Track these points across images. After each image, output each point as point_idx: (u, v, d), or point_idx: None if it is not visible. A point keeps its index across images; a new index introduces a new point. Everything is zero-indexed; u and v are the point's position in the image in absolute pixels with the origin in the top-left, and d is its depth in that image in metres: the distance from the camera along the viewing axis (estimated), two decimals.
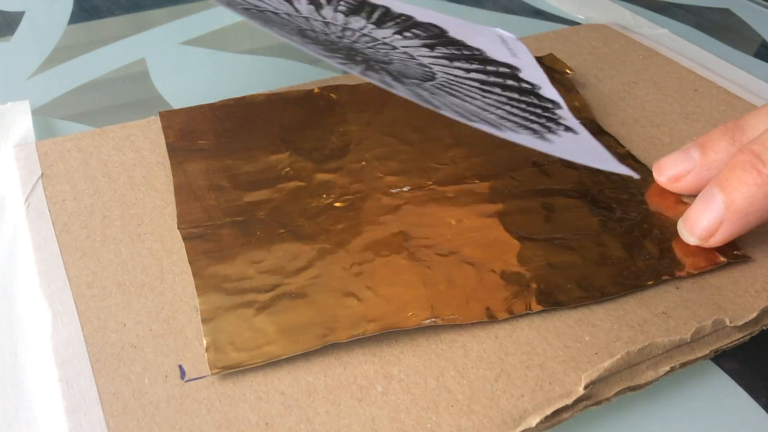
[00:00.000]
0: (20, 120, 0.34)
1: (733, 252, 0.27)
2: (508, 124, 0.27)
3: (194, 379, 0.23)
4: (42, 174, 0.31)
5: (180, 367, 0.23)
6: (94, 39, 0.44)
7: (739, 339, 0.25)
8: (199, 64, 0.42)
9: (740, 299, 0.26)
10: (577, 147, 0.27)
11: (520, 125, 0.28)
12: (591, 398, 0.23)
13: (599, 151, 0.28)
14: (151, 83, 0.40)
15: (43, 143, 0.32)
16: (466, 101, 0.28)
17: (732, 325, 0.25)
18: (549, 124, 0.29)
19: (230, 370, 0.23)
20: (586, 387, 0.23)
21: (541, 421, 0.22)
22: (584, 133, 0.29)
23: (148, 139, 0.33)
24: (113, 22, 0.47)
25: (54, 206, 0.29)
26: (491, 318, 0.25)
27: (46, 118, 0.37)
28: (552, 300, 0.25)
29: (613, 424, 0.23)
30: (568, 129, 0.29)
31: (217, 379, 0.23)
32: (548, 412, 0.22)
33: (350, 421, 0.22)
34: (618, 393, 0.23)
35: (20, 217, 0.29)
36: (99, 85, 0.40)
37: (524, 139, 0.26)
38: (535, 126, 0.28)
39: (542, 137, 0.27)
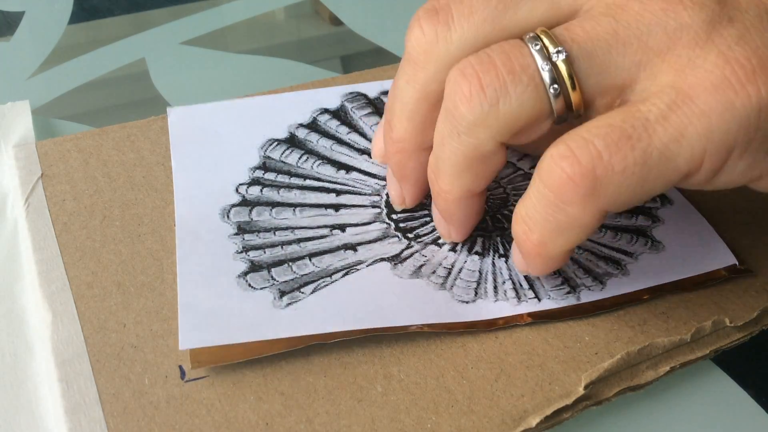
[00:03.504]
0: (20, 120, 0.34)
1: (734, 266, 0.27)
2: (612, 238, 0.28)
3: (194, 379, 0.23)
4: (42, 174, 0.31)
5: (180, 367, 0.23)
6: (94, 39, 0.44)
7: (739, 339, 0.25)
8: (199, 64, 0.42)
9: (740, 299, 0.26)
10: (667, 258, 0.27)
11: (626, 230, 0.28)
12: (591, 398, 0.23)
13: (699, 227, 0.28)
14: (151, 83, 0.40)
15: (43, 143, 0.32)
16: None
17: (732, 325, 0.25)
18: (651, 208, 0.29)
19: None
20: (586, 387, 0.23)
21: (541, 421, 0.22)
22: (680, 200, 0.30)
23: (148, 139, 0.33)
24: (113, 22, 0.47)
25: (54, 206, 0.29)
26: (479, 328, 0.25)
27: (46, 118, 0.37)
28: (545, 314, 0.25)
29: (613, 424, 0.23)
30: (664, 200, 0.30)
31: (217, 380, 0.23)
32: (548, 412, 0.22)
33: (350, 421, 0.22)
34: (618, 393, 0.23)
35: (20, 217, 0.29)
36: (99, 85, 0.40)
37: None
38: (641, 221, 0.29)
39: (625, 267, 0.27)
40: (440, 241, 0.28)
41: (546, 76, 0.21)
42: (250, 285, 0.25)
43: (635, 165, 0.20)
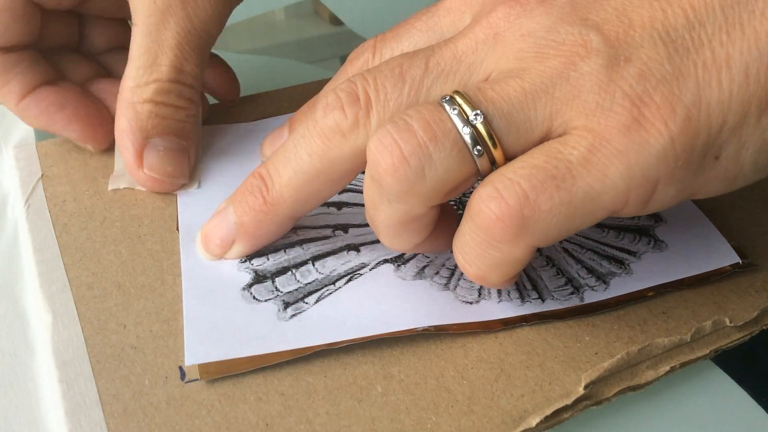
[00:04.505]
0: (20, 120, 0.34)
1: (736, 261, 0.27)
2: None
3: (194, 380, 0.23)
4: (42, 175, 0.31)
5: (180, 368, 0.23)
6: None
7: (739, 339, 0.25)
8: None
9: (740, 299, 0.26)
10: (672, 257, 0.27)
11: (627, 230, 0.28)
12: (591, 398, 0.23)
13: (702, 226, 0.28)
14: None
15: (43, 144, 0.32)
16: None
17: (732, 325, 0.25)
18: None
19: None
20: (586, 387, 0.23)
21: (541, 421, 0.22)
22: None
23: None
24: None
25: (54, 207, 0.29)
26: (486, 328, 0.25)
27: None
28: (549, 314, 0.25)
29: (613, 424, 0.23)
30: None
31: (217, 380, 0.23)
32: (548, 412, 0.22)
33: (350, 421, 0.22)
34: (618, 393, 0.23)
35: (21, 218, 0.29)
36: None
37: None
38: (643, 220, 0.29)
39: (628, 266, 0.27)
40: None
41: (468, 139, 0.21)
42: (254, 297, 0.25)
43: (561, 204, 0.20)
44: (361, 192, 0.30)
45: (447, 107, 0.21)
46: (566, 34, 0.21)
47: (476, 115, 0.21)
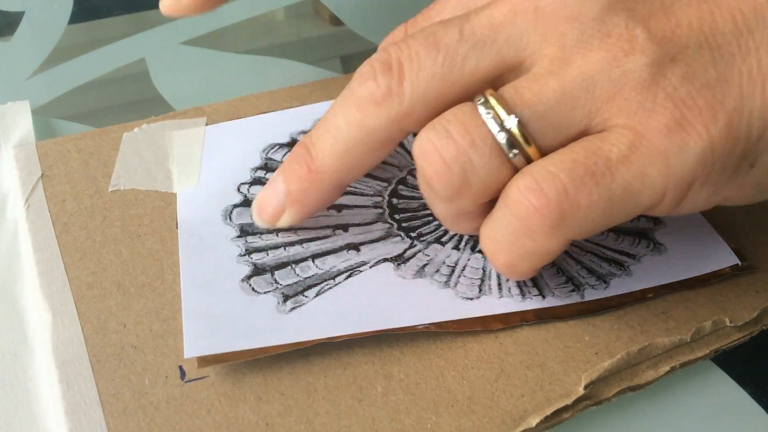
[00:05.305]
0: (20, 120, 0.34)
1: (736, 264, 0.27)
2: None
3: (194, 379, 0.23)
4: (42, 174, 0.31)
5: (180, 367, 0.23)
6: (94, 39, 0.44)
7: (739, 339, 0.25)
8: (199, 64, 0.42)
9: (740, 300, 0.26)
10: (670, 259, 0.27)
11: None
12: (591, 398, 0.23)
13: (701, 228, 0.28)
14: (151, 83, 0.40)
15: (43, 144, 0.32)
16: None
17: (732, 325, 0.25)
18: None
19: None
20: (586, 387, 0.23)
21: (541, 421, 0.22)
22: None
23: None
24: (113, 22, 0.47)
25: (54, 207, 0.29)
26: (486, 326, 0.25)
27: (46, 118, 0.36)
28: (550, 314, 0.25)
29: (613, 424, 0.23)
30: None
31: (217, 380, 0.23)
32: (548, 412, 0.22)
33: (350, 421, 0.22)
34: (618, 393, 0.23)
35: (20, 217, 0.29)
36: (99, 85, 0.40)
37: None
38: (643, 223, 0.29)
39: (628, 269, 0.27)
40: (443, 239, 0.28)
41: (504, 145, 0.21)
42: (253, 289, 0.25)
43: (600, 200, 0.20)
44: (361, 194, 0.30)
45: (482, 110, 0.22)
46: (612, 26, 0.21)
47: (511, 119, 0.21)
